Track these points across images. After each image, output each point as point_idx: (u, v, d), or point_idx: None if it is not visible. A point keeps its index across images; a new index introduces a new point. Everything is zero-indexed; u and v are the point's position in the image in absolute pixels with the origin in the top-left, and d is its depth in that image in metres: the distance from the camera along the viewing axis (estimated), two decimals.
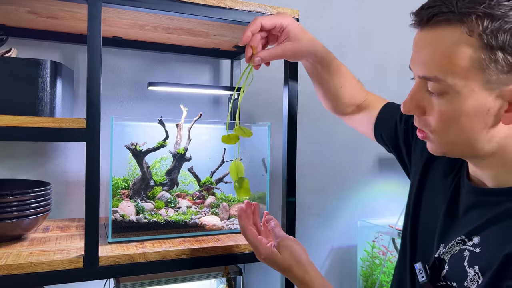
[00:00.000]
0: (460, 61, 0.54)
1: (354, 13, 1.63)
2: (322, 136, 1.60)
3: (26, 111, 0.84)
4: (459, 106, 0.56)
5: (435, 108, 0.59)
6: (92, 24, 0.79)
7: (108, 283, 1.08)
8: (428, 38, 0.57)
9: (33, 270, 0.78)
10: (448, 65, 0.55)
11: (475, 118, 0.56)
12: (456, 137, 0.59)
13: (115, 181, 1.04)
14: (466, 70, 0.54)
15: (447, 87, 0.56)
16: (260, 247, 0.79)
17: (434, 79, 0.57)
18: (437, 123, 0.59)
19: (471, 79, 0.54)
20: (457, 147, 0.61)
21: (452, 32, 0.54)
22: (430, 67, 0.57)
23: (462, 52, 0.54)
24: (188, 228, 1.01)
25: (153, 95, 1.33)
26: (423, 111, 0.61)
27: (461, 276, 0.59)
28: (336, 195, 1.63)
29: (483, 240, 0.59)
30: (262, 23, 0.78)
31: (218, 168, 1.14)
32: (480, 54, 0.53)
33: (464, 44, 0.54)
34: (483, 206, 0.62)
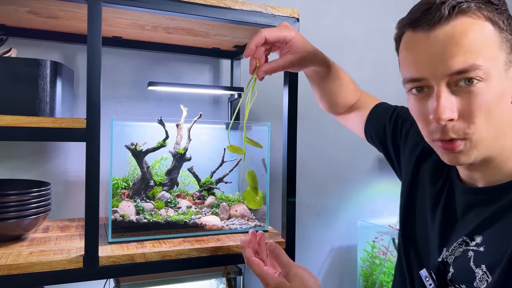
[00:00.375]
0: (488, 43, 0.55)
1: (354, 13, 1.63)
2: (322, 136, 1.59)
3: (26, 111, 0.84)
4: (493, 91, 0.55)
5: (472, 101, 0.56)
6: (92, 24, 0.79)
7: (108, 283, 1.08)
8: (450, 31, 0.55)
9: (33, 270, 0.78)
10: (481, 50, 0.55)
11: (504, 102, 0.57)
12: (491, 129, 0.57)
13: (115, 181, 1.04)
14: (494, 52, 0.55)
15: (485, 73, 0.55)
16: (268, 278, 0.75)
17: (471, 68, 0.54)
18: (475, 117, 0.56)
19: (498, 61, 0.56)
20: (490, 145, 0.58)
21: (472, 19, 0.55)
22: (464, 58, 0.55)
23: (487, 35, 0.55)
24: (188, 228, 1.01)
25: (153, 95, 1.33)
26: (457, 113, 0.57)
27: (469, 277, 0.59)
28: (336, 195, 1.63)
29: (485, 239, 0.59)
30: (266, 36, 0.78)
31: (218, 168, 1.14)
32: (498, 35, 0.55)
33: (486, 28, 0.55)
34: (480, 206, 0.62)
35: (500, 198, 0.59)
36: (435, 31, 0.56)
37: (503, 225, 0.57)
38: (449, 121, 0.57)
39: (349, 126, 1.01)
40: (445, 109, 0.56)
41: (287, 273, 0.73)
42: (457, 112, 0.56)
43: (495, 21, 0.55)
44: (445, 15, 0.55)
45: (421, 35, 0.57)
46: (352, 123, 0.98)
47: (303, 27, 1.08)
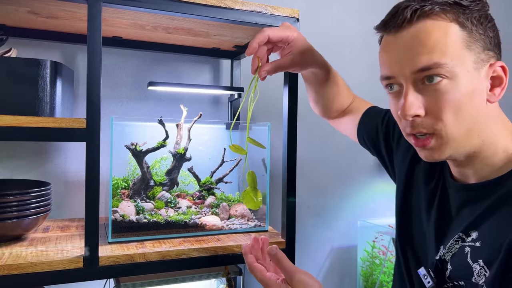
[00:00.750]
0: (453, 43, 0.57)
1: (353, 13, 1.63)
2: (322, 136, 1.59)
3: (26, 111, 0.84)
4: (460, 88, 0.58)
5: (438, 98, 0.58)
6: (92, 24, 0.79)
7: (108, 283, 1.08)
8: (415, 32, 0.59)
9: (33, 270, 0.78)
10: (445, 49, 0.57)
11: (474, 100, 0.58)
12: (461, 127, 0.59)
13: (115, 181, 1.04)
14: (459, 51, 0.58)
15: (449, 71, 0.57)
16: (271, 284, 0.73)
17: (434, 66, 0.57)
18: (442, 113, 0.58)
19: (465, 60, 0.58)
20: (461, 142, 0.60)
21: (436, 21, 0.58)
22: (428, 56, 0.58)
23: (452, 35, 0.58)
24: (188, 228, 1.01)
25: (153, 95, 1.33)
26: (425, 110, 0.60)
27: (467, 273, 0.59)
28: (336, 195, 1.63)
29: (481, 234, 0.60)
30: (270, 35, 0.78)
31: (218, 168, 1.14)
32: (464, 35, 0.58)
33: (450, 28, 0.58)
34: (473, 202, 0.63)
35: (492, 193, 0.60)
36: (401, 33, 0.60)
37: (497, 219, 0.58)
38: (417, 117, 0.60)
39: (341, 130, 1.03)
40: (411, 106, 0.59)
41: (291, 279, 0.71)
42: (423, 109, 0.59)
43: (461, 21, 0.58)
44: (408, 18, 0.59)
45: (391, 37, 0.62)
46: (345, 127, 1.00)
47: (303, 27, 1.08)
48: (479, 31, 0.58)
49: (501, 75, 0.60)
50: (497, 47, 0.61)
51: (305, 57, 0.84)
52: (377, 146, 0.90)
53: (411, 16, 0.59)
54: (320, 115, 1.02)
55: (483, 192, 0.62)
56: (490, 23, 0.60)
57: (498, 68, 0.60)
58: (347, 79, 0.99)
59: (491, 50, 0.60)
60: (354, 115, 0.96)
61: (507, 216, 0.57)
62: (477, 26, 0.58)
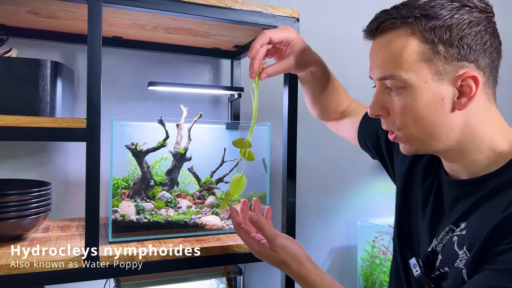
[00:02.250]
0: (409, 56, 0.62)
1: (354, 13, 1.63)
2: (322, 136, 1.59)
3: (26, 111, 0.84)
4: (416, 97, 0.63)
5: (396, 104, 0.65)
6: (92, 24, 0.79)
7: (108, 283, 1.08)
8: (380, 43, 0.65)
9: (33, 270, 0.78)
10: (400, 62, 0.62)
11: (432, 108, 0.63)
12: (420, 130, 0.64)
13: (115, 181, 1.04)
14: (416, 63, 0.62)
15: (403, 82, 0.63)
16: (254, 245, 0.80)
17: (390, 77, 0.64)
18: (400, 118, 0.65)
19: (422, 71, 0.62)
20: (425, 141, 0.65)
21: (397, 34, 0.63)
22: (385, 67, 0.64)
23: (409, 49, 0.62)
24: (188, 228, 1.01)
25: (153, 95, 1.33)
26: (387, 112, 0.67)
27: (453, 259, 0.63)
28: (336, 195, 1.63)
29: (468, 225, 0.64)
30: (271, 36, 0.80)
31: (218, 168, 1.14)
32: (424, 48, 0.61)
33: (409, 42, 0.62)
34: (465, 197, 0.66)
35: (481, 188, 0.64)
36: (374, 41, 0.67)
37: (482, 211, 0.62)
38: (381, 116, 0.68)
39: (340, 133, 1.04)
40: (373, 106, 0.68)
41: (272, 245, 0.77)
42: (385, 111, 0.67)
43: (423, 35, 0.61)
44: (373, 30, 0.66)
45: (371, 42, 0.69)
46: (344, 130, 1.01)
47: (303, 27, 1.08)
48: (446, 43, 0.60)
49: (471, 85, 0.61)
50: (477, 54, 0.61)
51: (305, 56, 0.85)
52: (379, 149, 0.91)
53: (376, 28, 0.65)
54: (318, 118, 1.03)
55: (474, 187, 0.65)
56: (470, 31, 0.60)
57: (468, 79, 0.61)
58: (347, 79, 1.00)
59: (463, 60, 0.61)
60: (353, 119, 0.97)
61: (491, 209, 0.61)
62: (443, 38, 0.60)
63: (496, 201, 0.61)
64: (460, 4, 0.61)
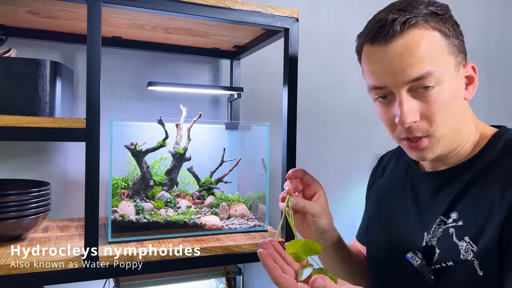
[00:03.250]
0: (439, 51, 0.63)
1: (353, 13, 1.63)
2: (322, 136, 1.60)
3: (26, 111, 0.84)
4: (447, 92, 0.63)
5: (431, 103, 0.63)
6: (91, 24, 0.79)
7: (108, 283, 1.08)
8: (405, 43, 0.62)
9: (33, 270, 0.78)
10: (433, 58, 0.62)
11: (457, 101, 0.65)
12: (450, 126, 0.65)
13: (114, 181, 1.04)
14: (445, 57, 0.63)
15: (438, 78, 0.62)
16: None
17: (427, 74, 0.62)
18: (437, 116, 0.63)
19: (449, 65, 0.63)
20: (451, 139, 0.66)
21: (421, 31, 0.62)
22: (419, 66, 0.62)
23: (437, 44, 0.63)
24: (187, 228, 1.01)
25: (153, 95, 1.33)
26: (419, 115, 0.64)
27: (455, 252, 0.63)
28: (335, 195, 1.63)
29: (461, 214, 0.64)
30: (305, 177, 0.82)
31: (217, 168, 1.14)
32: (446, 42, 0.63)
33: (435, 37, 0.63)
34: (447, 185, 0.69)
35: (463, 175, 0.67)
36: (391, 44, 0.63)
37: (472, 198, 0.64)
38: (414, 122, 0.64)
39: None
40: (409, 114, 0.63)
41: None
42: (419, 114, 0.64)
43: (441, 29, 0.63)
44: (398, 31, 0.62)
45: (379, 48, 0.64)
46: None
47: (303, 27, 1.08)
48: (455, 37, 0.64)
49: (473, 75, 0.67)
50: (465, 49, 0.67)
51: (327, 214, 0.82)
52: None
53: (401, 28, 0.62)
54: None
55: (455, 176, 0.68)
56: (459, 29, 0.66)
57: (470, 69, 0.67)
58: (346, 79, 0.99)
59: (463, 53, 0.66)
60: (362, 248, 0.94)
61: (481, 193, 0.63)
62: (453, 33, 0.64)
63: (484, 185, 0.63)
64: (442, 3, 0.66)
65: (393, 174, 0.85)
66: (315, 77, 1.56)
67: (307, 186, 0.82)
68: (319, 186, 0.83)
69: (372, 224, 0.85)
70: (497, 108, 1.96)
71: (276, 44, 1.12)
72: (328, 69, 1.57)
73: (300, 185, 0.81)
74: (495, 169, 0.64)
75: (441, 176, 0.70)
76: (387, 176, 0.87)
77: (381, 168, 0.91)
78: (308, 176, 0.81)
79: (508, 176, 0.62)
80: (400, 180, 0.80)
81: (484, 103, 1.94)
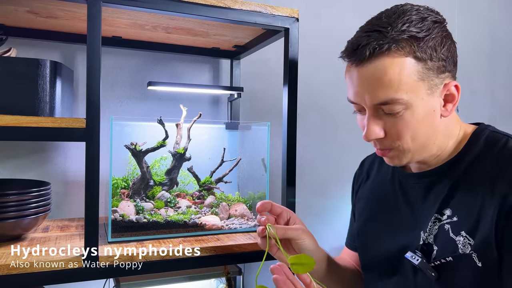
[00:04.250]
0: (408, 78, 0.63)
1: (353, 13, 1.63)
2: (322, 136, 1.60)
3: (26, 111, 0.83)
4: (415, 115, 0.65)
5: (397, 125, 0.66)
6: (91, 24, 0.79)
7: (108, 283, 1.08)
8: (373, 69, 0.64)
9: (33, 270, 0.78)
10: (400, 85, 0.63)
11: (427, 120, 0.67)
12: (416, 143, 0.68)
13: (114, 181, 1.04)
14: (414, 83, 0.64)
15: (404, 103, 0.64)
16: None
17: (391, 101, 0.64)
18: (400, 136, 0.67)
19: (419, 90, 0.64)
20: (416, 152, 0.69)
21: (392, 57, 0.63)
22: (385, 92, 0.64)
23: (407, 70, 0.63)
24: (187, 228, 1.01)
25: (153, 94, 1.33)
26: (384, 133, 0.68)
27: (452, 247, 0.65)
28: (336, 195, 1.63)
29: (454, 210, 0.67)
30: None
31: (217, 168, 1.14)
32: (418, 67, 0.64)
33: (406, 63, 0.63)
34: (437, 184, 0.71)
35: (451, 173, 0.70)
36: (362, 68, 0.65)
37: (462, 194, 0.67)
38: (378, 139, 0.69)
39: None
40: (372, 132, 0.68)
41: None
42: (383, 132, 0.68)
43: (416, 55, 0.63)
44: (367, 56, 0.64)
45: (354, 68, 0.67)
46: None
47: (303, 27, 1.08)
48: (434, 60, 0.64)
49: (454, 93, 0.68)
50: (452, 64, 0.67)
51: None
52: None
53: (370, 54, 0.64)
54: None
55: (443, 174, 0.71)
56: (446, 46, 0.66)
57: (452, 88, 0.67)
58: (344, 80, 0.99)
59: (446, 72, 0.66)
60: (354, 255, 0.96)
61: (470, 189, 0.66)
62: (432, 55, 0.64)
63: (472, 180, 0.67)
64: (430, 21, 0.65)
65: (379, 177, 0.87)
66: (315, 77, 1.56)
67: (278, 216, 0.83)
68: (289, 211, 0.84)
69: (365, 228, 0.86)
70: (500, 109, 1.96)
71: (276, 44, 1.12)
72: (328, 69, 1.57)
73: (271, 217, 0.82)
74: (480, 164, 0.67)
75: (430, 176, 0.73)
76: (373, 180, 0.89)
77: (365, 172, 0.93)
78: (276, 206, 0.83)
79: (495, 170, 0.65)
80: (388, 182, 0.83)
81: (487, 104, 1.94)
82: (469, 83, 1.89)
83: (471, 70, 1.91)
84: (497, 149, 0.67)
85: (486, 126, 0.73)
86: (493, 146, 0.68)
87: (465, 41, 1.89)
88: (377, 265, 0.80)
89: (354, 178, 0.97)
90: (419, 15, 0.65)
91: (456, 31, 1.85)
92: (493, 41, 1.97)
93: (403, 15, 0.65)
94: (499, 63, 1.98)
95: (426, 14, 0.66)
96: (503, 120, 1.98)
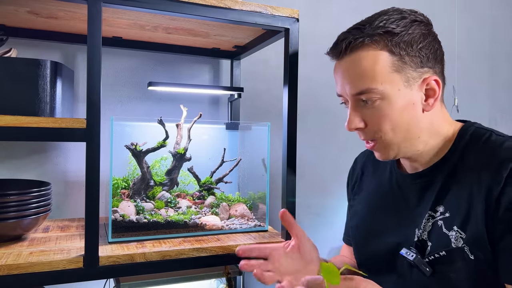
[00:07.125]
0: (382, 69, 0.68)
1: (353, 13, 1.63)
2: (322, 136, 1.60)
3: (26, 111, 0.84)
4: (392, 105, 0.69)
5: (374, 114, 0.71)
6: (92, 24, 0.79)
7: (108, 283, 1.08)
8: (350, 61, 0.71)
9: (33, 270, 0.78)
10: (374, 75, 0.68)
11: (406, 112, 0.70)
12: (398, 135, 0.71)
13: (115, 181, 1.04)
14: (389, 74, 0.68)
15: (380, 93, 0.69)
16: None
17: (366, 91, 0.69)
18: (379, 126, 0.71)
19: (394, 81, 0.69)
20: (401, 145, 0.72)
21: (367, 51, 0.69)
22: (360, 82, 0.69)
23: (381, 62, 0.68)
24: (188, 228, 1.01)
25: (153, 95, 1.33)
26: (365, 123, 0.73)
27: (446, 242, 0.68)
28: (336, 195, 1.63)
29: (446, 206, 0.70)
30: None
31: (218, 168, 1.14)
32: (393, 60, 0.68)
33: (379, 56, 0.68)
34: (431, 184, 0.74)
35: (441, 172, 0.73)
36: (341, 61, 0.73)
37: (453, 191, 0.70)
38: (360, 129, 0.74)
39: None
40: (352, 122, 0.73)
41: None
42: (363, 123, 0.73)
43: (391, 49, 0.68)
44: (343, 50, 0.71)
45: (336, 63, 0.75)
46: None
47: (303, 27, 1.08)
48: (410, 54, 0.69)
49: (435, 88, 0.71)
50: (433, 61, 0.71)
51: None
52: None
53: (345, 48, 0.70)
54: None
55: (435, 173, 0.74)
56: (424, 42, 0.69)
57: (432, 82, 0.71)
58: None
59: (425, 67, 0.70)
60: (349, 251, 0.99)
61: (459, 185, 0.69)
62: (407, 50, 0.68)
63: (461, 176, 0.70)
64: (410, 19, 0.70)
65: (376, 176, 0.89)
66: (315, 77, 1.56)
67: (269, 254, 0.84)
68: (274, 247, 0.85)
69: (363, 224, 0.88)
70: (500, 109, 1.97)
71: (276, 44, 1.12)
72: (328, 69, 1.57)
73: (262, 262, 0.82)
74: (467, 160, 0.71)
75: (424, 176, 0.76)
76: (370, 178, 0.91)
77: (359, 168, 0.97)
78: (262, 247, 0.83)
79: (479, 163, 0.68)
80: (385, 182, 0.85)
81: (487, 104, 1.94)
82: (469, 83, 1.89)
83: (471, 70, 1.91)
84: (480, 143, 0.71)
85: (473, 123, 0.76)
86: (477, 141, 0.71)
87: (465, 41, 1.89)
88: (373, 262, 0.82)
89: (349, 175, 1.00)
90: (399, 15, 0.70)
91: (456, 31, 1.86)
92: (493, 41, 1.97)
93: (384, 15, 0.71)
94: (499, 63, 1.98)
95: (407, 15, 0.70)
96: (503, 120, 1.98)
